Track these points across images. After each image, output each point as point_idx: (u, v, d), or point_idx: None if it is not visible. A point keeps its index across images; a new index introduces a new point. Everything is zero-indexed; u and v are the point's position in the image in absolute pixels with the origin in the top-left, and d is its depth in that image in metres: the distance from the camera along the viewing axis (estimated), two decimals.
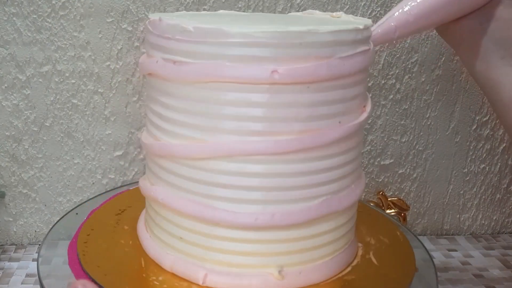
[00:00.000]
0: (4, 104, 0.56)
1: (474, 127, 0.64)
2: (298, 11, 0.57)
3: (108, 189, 0.58)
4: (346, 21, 0.41)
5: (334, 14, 0.44)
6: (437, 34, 0.58)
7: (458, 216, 0.67)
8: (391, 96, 0.61)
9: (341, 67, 0.36)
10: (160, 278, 0.39)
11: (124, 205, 0.50)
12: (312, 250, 0.39)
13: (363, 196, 0.64)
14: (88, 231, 0.45)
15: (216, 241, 0.38)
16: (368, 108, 0.40)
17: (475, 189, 0.66)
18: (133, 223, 0.46)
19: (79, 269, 0.40)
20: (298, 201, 0.37)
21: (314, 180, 0.37)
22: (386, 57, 0.60)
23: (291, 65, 0.34)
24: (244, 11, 0.56)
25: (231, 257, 0.38)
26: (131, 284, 0.39)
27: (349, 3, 0.57)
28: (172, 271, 0.39)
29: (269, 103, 0.35)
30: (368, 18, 0.58)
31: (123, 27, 0.55)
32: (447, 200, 0.66)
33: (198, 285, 0.38)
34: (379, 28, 0.41)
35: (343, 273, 0.41)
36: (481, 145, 0.64)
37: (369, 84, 0.60)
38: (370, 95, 0.61)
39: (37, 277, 0.40)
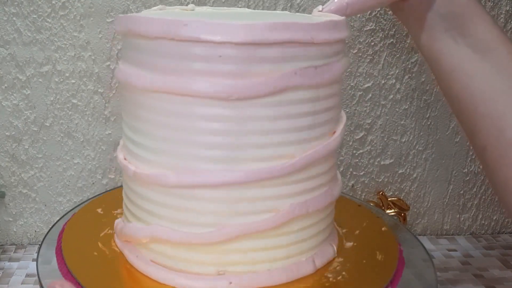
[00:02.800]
0: (4, 104, 0.56)
1: None
2: (298, 11, 0.57)
3: (108, 189, 0.58)
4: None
5: (188, 6, 0.46)
6: None
7: (458, 216, 0.67)
8: (391, 96, 0.61)
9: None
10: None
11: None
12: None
13: (363, 196, 0.64)
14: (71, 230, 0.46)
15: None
16: (338, 133, 0.40)
17: (475, 189, 0.66)
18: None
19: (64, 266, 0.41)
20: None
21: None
22: (386, 57, 0.60)
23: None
24: None
25: None
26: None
27: None
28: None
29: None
30: (368, 17, 0.58)
31: None
32: (447, 200, 0.66)
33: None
34: (332, 5, 0.43)
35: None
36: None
37: (369, 84, 0.60)
38: (370, 95, 0.61)
39: (37, 277, 0.40)
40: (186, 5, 0.55)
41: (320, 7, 0.43)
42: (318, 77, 0.37)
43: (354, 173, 0.63)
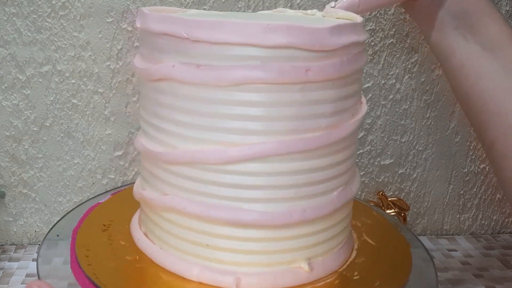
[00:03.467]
0: (4, 104, 0.56)
1: None
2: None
3: (108, 189, 0.58)
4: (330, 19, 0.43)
5: (308, 11, 0.45)
6: None
7: (458, 216, 0.67)
8: (391, 96, 0.61)
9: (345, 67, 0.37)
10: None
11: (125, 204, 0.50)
12: (330, 240, 0.40)
13: (363, 196, 0.64)
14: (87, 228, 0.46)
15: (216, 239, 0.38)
16: (364, 105, 0.41)
17: (475, 189, 0.66)
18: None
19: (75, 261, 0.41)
20: (317, 195, 0.38)
21: (330, 174, 0.38)
22: (386, 57, 0.60)
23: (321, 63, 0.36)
24: (244, 11, 0.56)
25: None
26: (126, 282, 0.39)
27: None
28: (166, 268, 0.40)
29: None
30: (368, 17, 0.58)
31: (123, 27, 0.55)
32: (447, 200, 0.66)
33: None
34: (344, 1, 0.44)
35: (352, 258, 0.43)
36: (481, 145, 0.64)
37: (369, 84, 0.60)
38: (370, 95, 0.61)
39: (37, 277, 0.40)
40: (186, 5, 0.56)
41: (332, 3, 0.43)
42: (199, 76, 0.36)
43: None
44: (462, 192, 0.66)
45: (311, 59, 0.36)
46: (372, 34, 0.59)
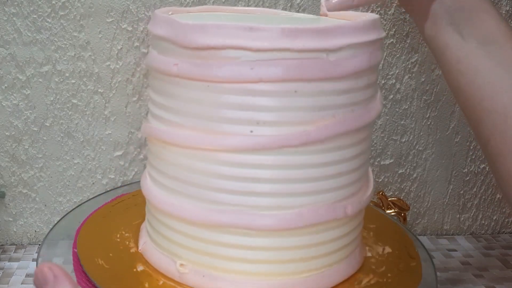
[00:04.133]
0: (4, 104, 0.56)
1: None
2: (298, 11, 0.57)
3: (108, 189, 0.58)
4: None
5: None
6: None
7: (458, 216, 0.67)
8: (391, 96, 0.61)
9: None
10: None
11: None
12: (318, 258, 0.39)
13: None
14: (95, 220, 0.47)
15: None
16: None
17: (475, 189, 0.66)
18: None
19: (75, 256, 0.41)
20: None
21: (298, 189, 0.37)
22: (386, 57, 0.60)
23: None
24: None
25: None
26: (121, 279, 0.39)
27: None
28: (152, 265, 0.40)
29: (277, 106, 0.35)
30: None
31: (123, 27, 0.55)
32: (447, 200, 0.66)
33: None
34: None
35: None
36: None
37: None
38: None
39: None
40: (185, 5, 0.56)
41: None
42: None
43: None
44: (462, 192, 0.66)
45: (179, 55, 0.35)
46: None
